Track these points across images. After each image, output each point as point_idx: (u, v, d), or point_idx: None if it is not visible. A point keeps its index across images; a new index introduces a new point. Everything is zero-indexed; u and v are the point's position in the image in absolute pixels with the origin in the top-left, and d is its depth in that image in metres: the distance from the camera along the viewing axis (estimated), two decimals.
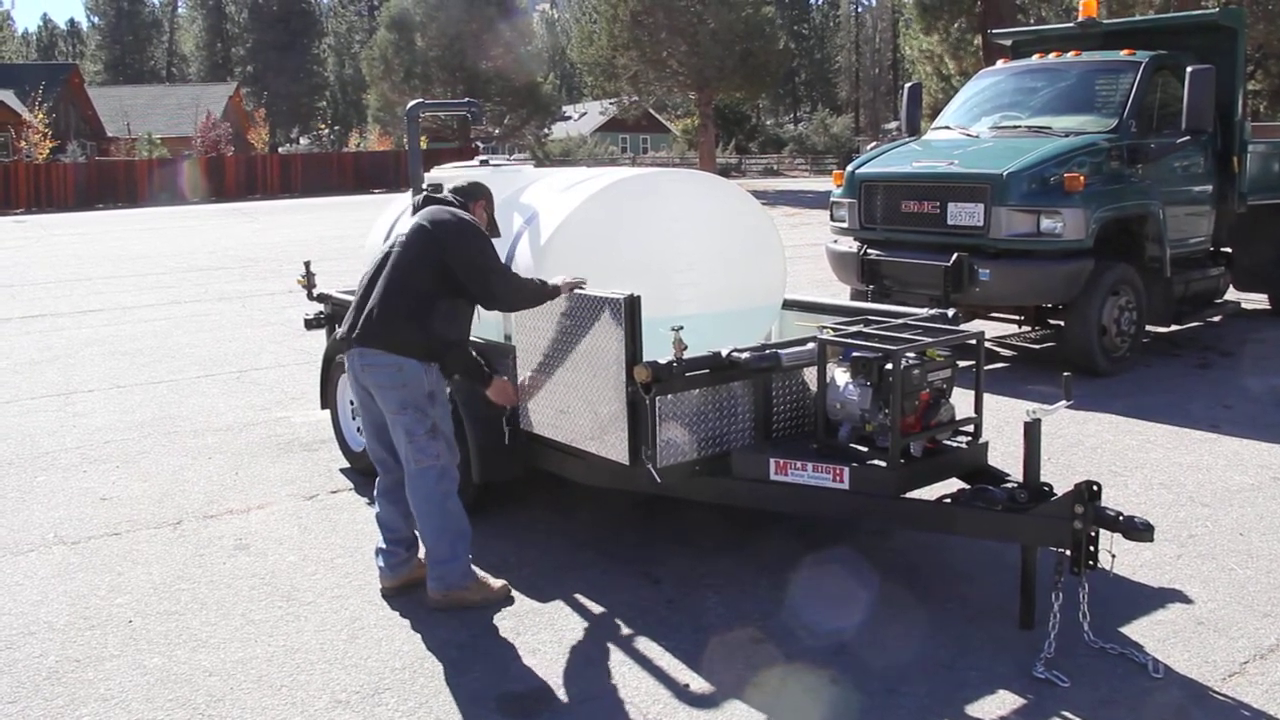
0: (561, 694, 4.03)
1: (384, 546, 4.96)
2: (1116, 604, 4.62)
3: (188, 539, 5.69)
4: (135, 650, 4.43)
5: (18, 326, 12.93)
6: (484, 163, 6.57)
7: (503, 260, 5.68)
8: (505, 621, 4.63)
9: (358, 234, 5.83)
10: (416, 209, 5.00)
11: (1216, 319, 11.14)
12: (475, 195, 5.08)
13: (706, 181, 6.34)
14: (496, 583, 4.85)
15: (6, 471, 6.95)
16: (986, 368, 5.01)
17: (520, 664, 4.25)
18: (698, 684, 4.07)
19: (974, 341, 4.94)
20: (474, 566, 4.87)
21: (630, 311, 4.66)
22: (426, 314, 4.64)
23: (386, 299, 4.65)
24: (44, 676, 4.22)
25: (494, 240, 5.01)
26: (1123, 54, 9.84)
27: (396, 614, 4.73)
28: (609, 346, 4.74)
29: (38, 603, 4.91)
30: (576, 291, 4.92)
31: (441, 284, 4.67)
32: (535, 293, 4.85)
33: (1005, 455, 5.90)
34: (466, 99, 7.02)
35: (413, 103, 6.19)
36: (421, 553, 4.89)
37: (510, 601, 4.77)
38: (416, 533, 4.89)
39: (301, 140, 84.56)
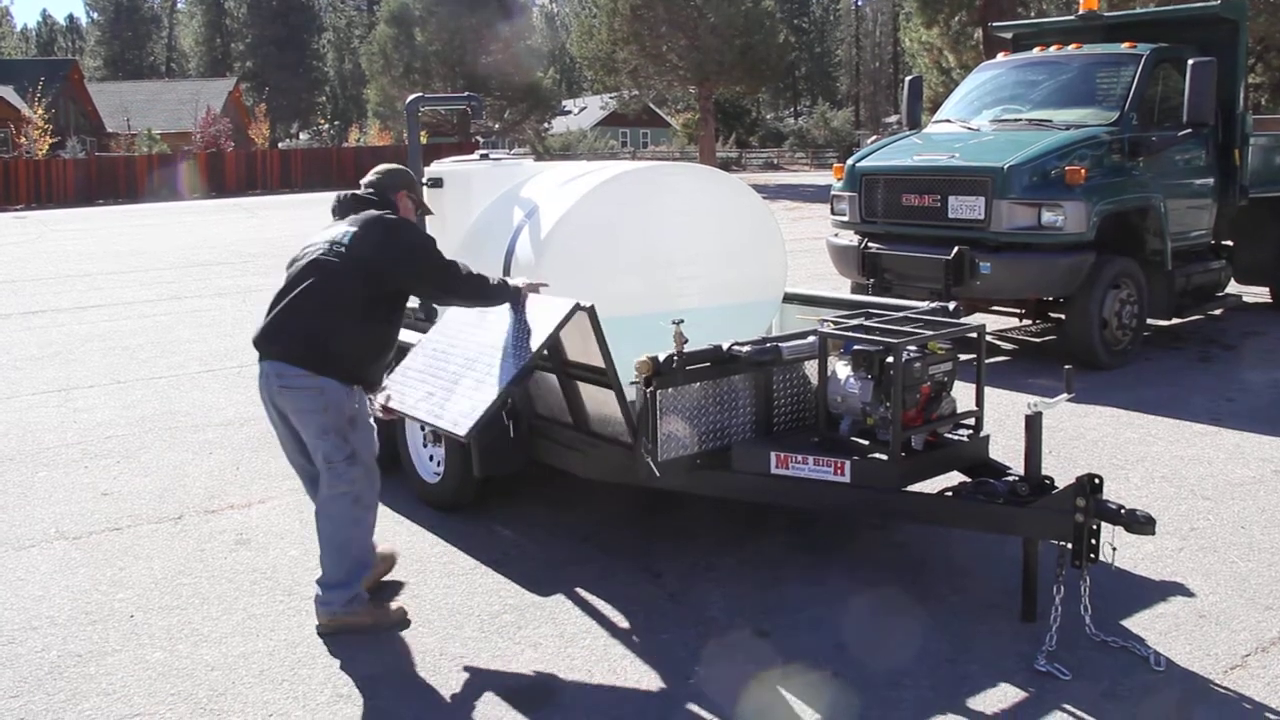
0: (563, 687, 4.03)
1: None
2: (1118, 597, 4.62)
3: (189, 534, 5.69)
4: (137, 645, 4.43)
5: (18, 322, 12.92)
6: (484, 157, 6.57)
7: (504, 252, 5.70)
8: (507, 616, 4.62)
9: None
10: (337, 210, 4.72)
11: (1218, 312, 11.14)
12: (394, 186, 4.81)
13: (707, 175, 6.34)
14: (394, 605, 4.67)
15: (7, 467, 6.95)
16: (987, 361, 5.00)
17: (522, 657, 4.25)
18: (699, 678, 4.07)
19: (975, 335, 4.94)
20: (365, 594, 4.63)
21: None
22: (353, 330, 4.38)
23: (310, 314, 4.36)
24: (46, 671, 4.22)
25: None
26: (1124, 47, 9.83)
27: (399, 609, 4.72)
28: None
29: (39, 598, 4.91)
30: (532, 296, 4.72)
31: (374, 299, 4.41)
32: (492, 287, 4.65)
33: (1006, 449, 5.90)
34: (466, 93, 7.01)
35: (412, 97, 6.19)
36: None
37: (406, 624, 4.55)
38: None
39: (301, 135, 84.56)
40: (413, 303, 6.05)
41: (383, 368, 4.64)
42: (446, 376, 4.66)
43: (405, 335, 5.88)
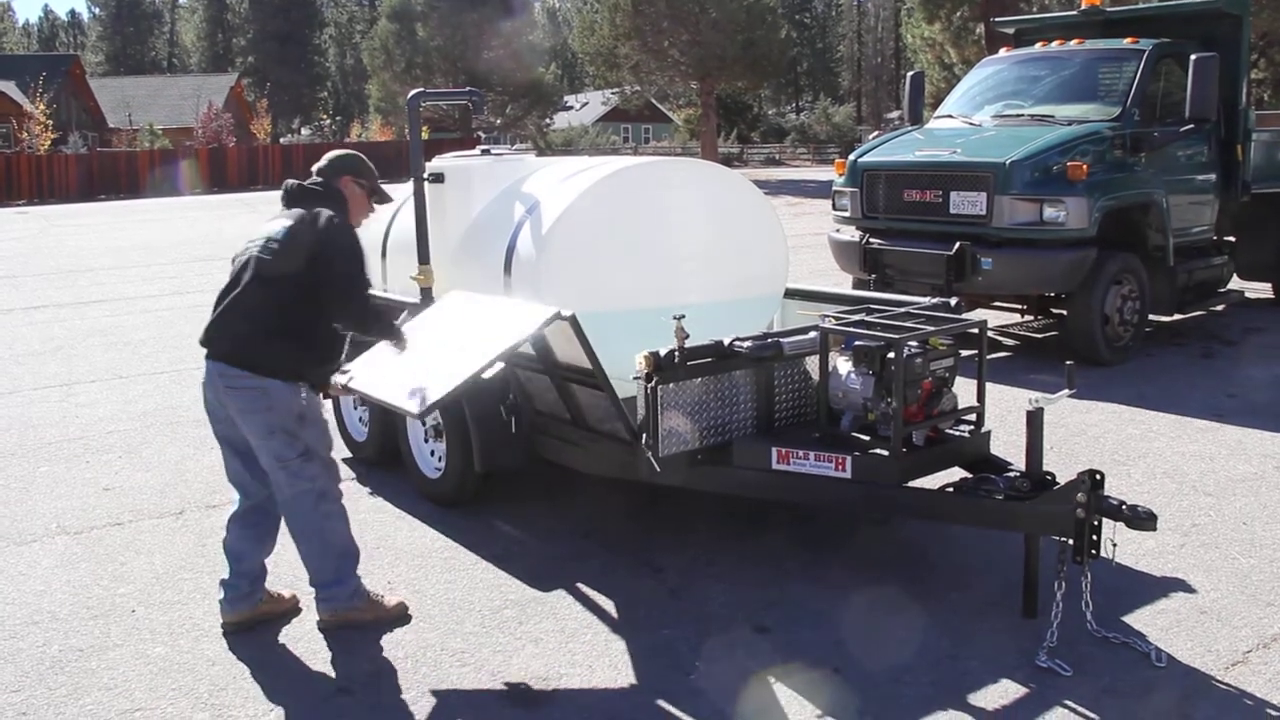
0: (564, 683, 4.03)
1: (227, 578, 4.52)
2: (1119, 593, 4.62)
3: (190, 529, 5.70)
4: (138, 639, 4.43)
5: (20, 317, 12.93)
6: (486, 152, 6.56)
7: (505, 248, 5.69)
8: (508, 611, 4.63)
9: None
10: (284, 200, 4.56)
11: (1220, 308, 11.12)
12: (338, 171, 4.61)
13: (709, 170, 6.33)
14: (392, 600, 4.59)
15: (9, 462, 6.96)
16: (989, 357, 4.99)
17: (523, 653, 4.25)
18: (700, 673, 4.07)
19: (976, 330, 4.93)
20: (366, 587, 4.58)
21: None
22: (294, 329, 4.28)
23: (250, 313, 4.27)
24: (47, 665, 4.23)
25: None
26: (1126, 42, 9.81)
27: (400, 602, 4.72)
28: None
29: (41, 592, 4.92)
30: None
31: (308, 297, 4.28)
32: (383, 326, 4.66)
33: (1008, 444, 5.89)
34: (468, 89, 6.99)
35: (414, 93, 6.17)
36: (295, 585, 4.70)
37: (407, 620, 4.52)
38: (266, 563, 4.62)
39: (303, 131, 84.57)
40: (411, 297, 6.07)
41: (328, 365, 4.50)
42: (413, 364, 4.63)
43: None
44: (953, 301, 5.65)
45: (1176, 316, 10.50)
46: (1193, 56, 9.09)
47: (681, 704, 3.87)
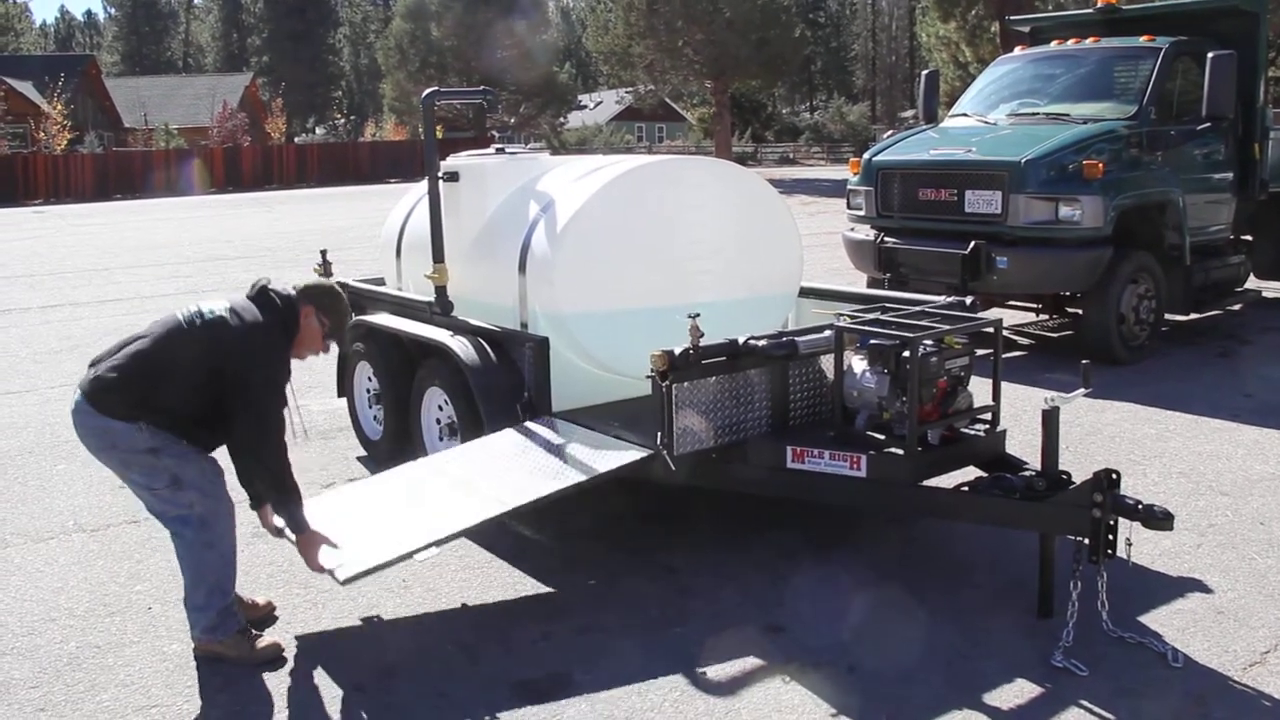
0: (576, 681, 4.04)
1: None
2: (1135, 593, 4.60)
3: None
4: (154, 637, 4.45)
5: (37, 316, 12.99)
6: (500, 151, 6.57)
7: (519, 246, 5.69)
8: (520, 609, 4.63)
9: (374, 223, 5.86)
10: (249, 291, 4.33)
11: (1236, 307, 11.06)
12: (306, 298, 4.37)
13: (723, 169, 6.33)
14: (264, 642, 4.30)
15: (26, 460, 6.99)
16: (1004, 356, 4.97)
17: (535, 651, 4.26)
18: (714, 672, 4.07)
19: (992, 329, 4.92)
20: (241, 626, 4.33)
21: None
22: (169, 397, 4.08)
23: (131, 358, 4.08)
24: (65, 662, 4.25)
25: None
26: (1142, 40, 9.78)
27: (413, 602, 4.73)
28: None
29: (58, 589, 4.94)
30: None
31: (202, 389, 4.09)
32: (285, 484, 4.22)
33: (1023, 444, 5.88)
34: (482, 88, 7.00)
35: (428, 92, 6.18)
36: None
37: (280, 663, 4.24)
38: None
39: (317, 130, 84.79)
40: (425, 295, 6.08)
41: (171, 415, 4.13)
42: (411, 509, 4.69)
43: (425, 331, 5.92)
44: (968, 300, 5.63)
45: (1193, 316, 10.46)
46: (1209, 54, 9.05)
47: (694, 703, 3.87)
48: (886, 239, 9.62)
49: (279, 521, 4.41)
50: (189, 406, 4.12)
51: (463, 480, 4.82)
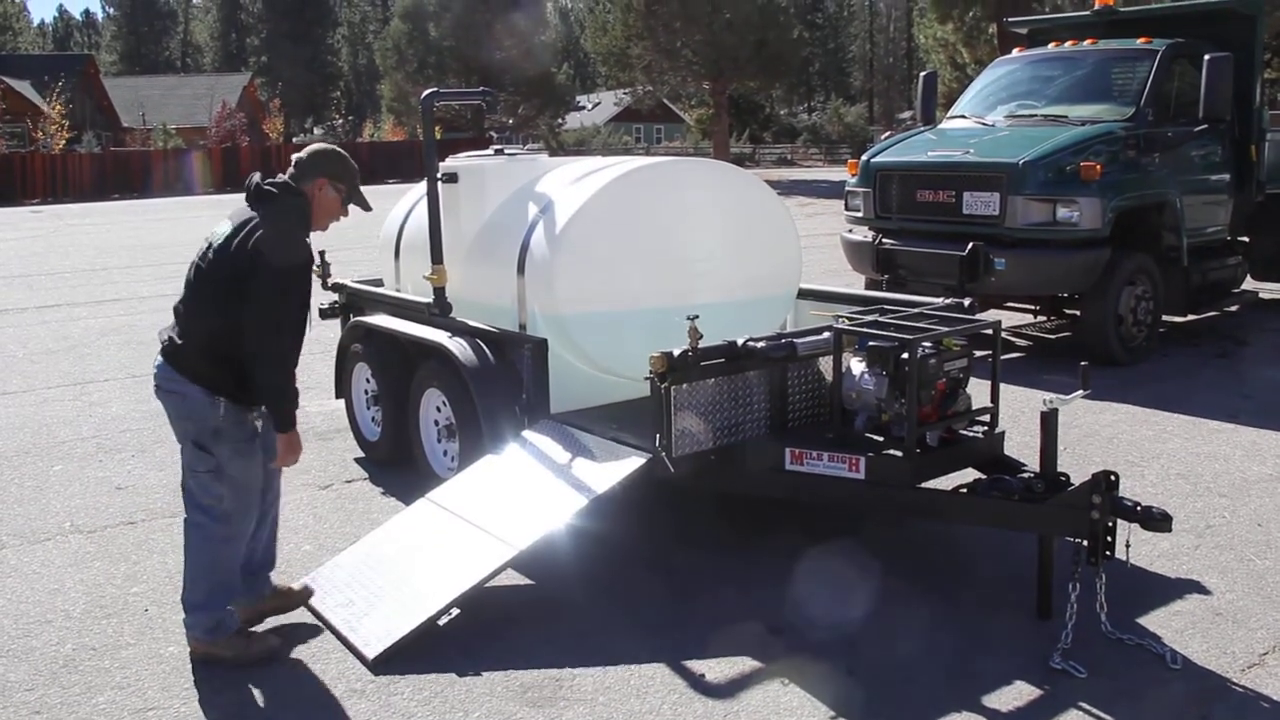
0: (576, 684, 4.03)
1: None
2: (1134, 595, 4.60)
3: None
4: (151, 639, 4.44)
5: (34, 316, 12.98)
6: (499, 152, 6.56)
7: (518, 247, 5.68)
8: (520, 613, 4.63)
9: (373, 223, 5.85)
10: (245, 196, 4.27)
11: (1234, 309, 11.07)
12: (313, 172, 4.30)
13: (722, 170, 6.32)
14: (259, 643, 4.30)
15: (23, 461, 6.98)
16: (1003, 357, 4.97)
17: (535, 654, 4.25)
18: (713, 674, 4.07)
19: (990, 331, 4.92)
20: (238, 625, 4.33)
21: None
22: (218, 340, 4.08)
23: (185, 318, 4.17)
24: (61, 664, 4.24)
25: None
26: (1139, 42, 9.79)
27: None
28: None
29: (54, 591, 4.93)
30: None
31: (233, 309, 4.04)
32: (281, 384, 4.14)
33: (1021, 445, 5.88)
34: (481, 89, 6.98)
35: (427, 93, 6.16)
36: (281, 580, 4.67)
37: (278, 657, 4.26)
38: (266, 555, 4.61)
39: (316, 130, 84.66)
40: (424, 296, 6.07)
41: (245, 387, 4.16)
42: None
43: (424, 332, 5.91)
44: (966, 302, 5.63)
45: (1190, 317, 10.47)
46: (1206, 56, 9.06)
47: (693, 705, 3.86)
48: (885, 240, 9.61)
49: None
50: (231, 347, 4.06)
51: (473, 522, 4.79)
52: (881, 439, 4.74)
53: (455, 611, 4.43)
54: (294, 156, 4.38)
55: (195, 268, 4.18)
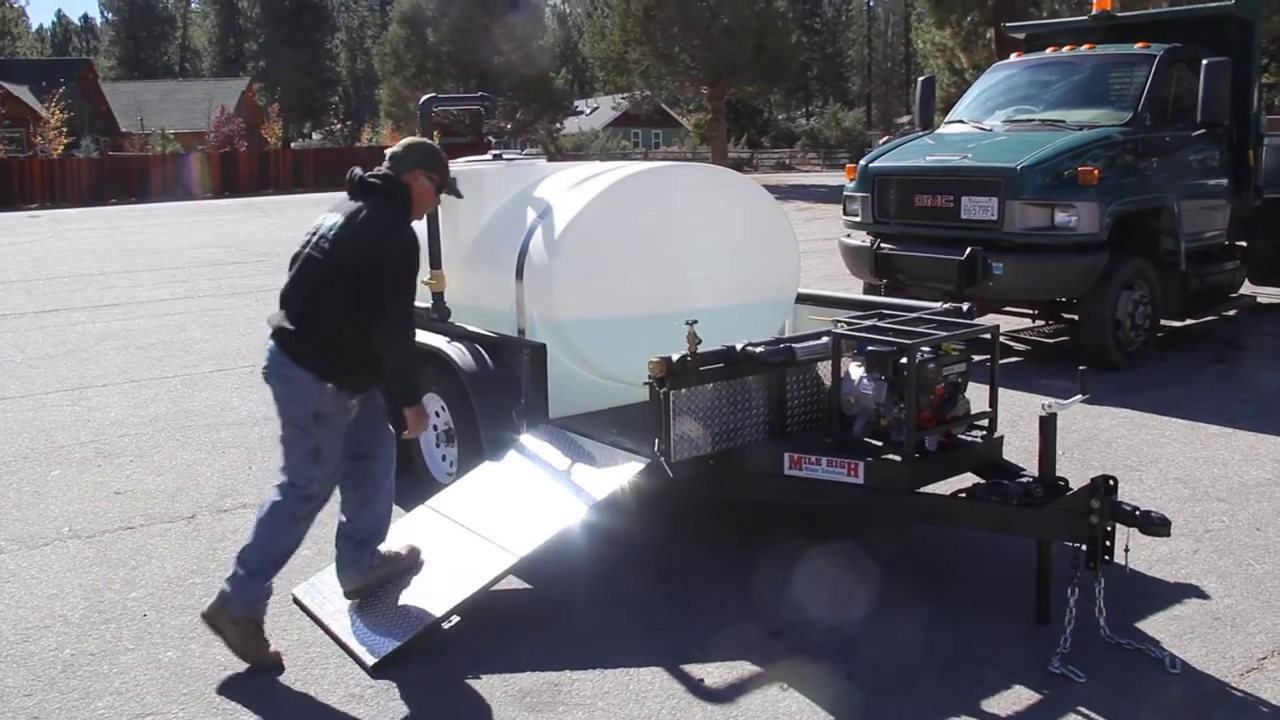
0: (576, 688, 4.03)
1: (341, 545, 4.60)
2: (1132, 599, 4.60)
3: (202, 533, 5.70)
4: (150, 644, 4.44)
5: (32, 321, 12.97)
6: (497, 157, 6.57)
7: (517, 252, 5.69)
8: (518, 616, 4.63)
9: None
10: (347, 191, 4.43)
11: (1232, 313, 11.09)
12: (409, 164, 4.46)
13: (720, 175, 6.33)
14: (270, 649, 4.29)
15: (21, 466, 6.98)
16: (1001, 362, 4.98)
17: (534, 658, 4.25)
18: (712, 679, 4.07)
19: (988, 336, 4.92)
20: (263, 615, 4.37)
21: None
22: (331, 328, 4.23)
23: (299, 306, 4.28)
24: (59, 670, 4.23)
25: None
26: (1137, 47, 9.80)
27: None
28: None
29: (53, 596, 4.93)
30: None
31: (350, 297, 4.20)
32: (412, 363, 4.37)
33: (1020, 450, 5.88)
34: (479, 94, 7.00)
35: (426, 98, 6.18)
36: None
37: (277, 670, 4.21)
38: (380, 527, 4.69)
39: (314, 135, 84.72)
40: (422, 301, 6.07)
41: (357, 373, 4.31)
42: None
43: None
44: (964, 307, 5.64)
45: (1188, 321, 10.48)
46: (1204, 61, 9.08)
47: (692, 709, 3.86)
48: (883, 245, 9.62)
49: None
50: (351, 329, 4.21)
51: (472, 529, 4.80)
52: (880, 444, 4.73)
53: (455, 619, 4.43)
54: (387, 151, 4.57)
55: (306, 258, 4.32)
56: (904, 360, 4.54)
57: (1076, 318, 9.29)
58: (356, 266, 4.18)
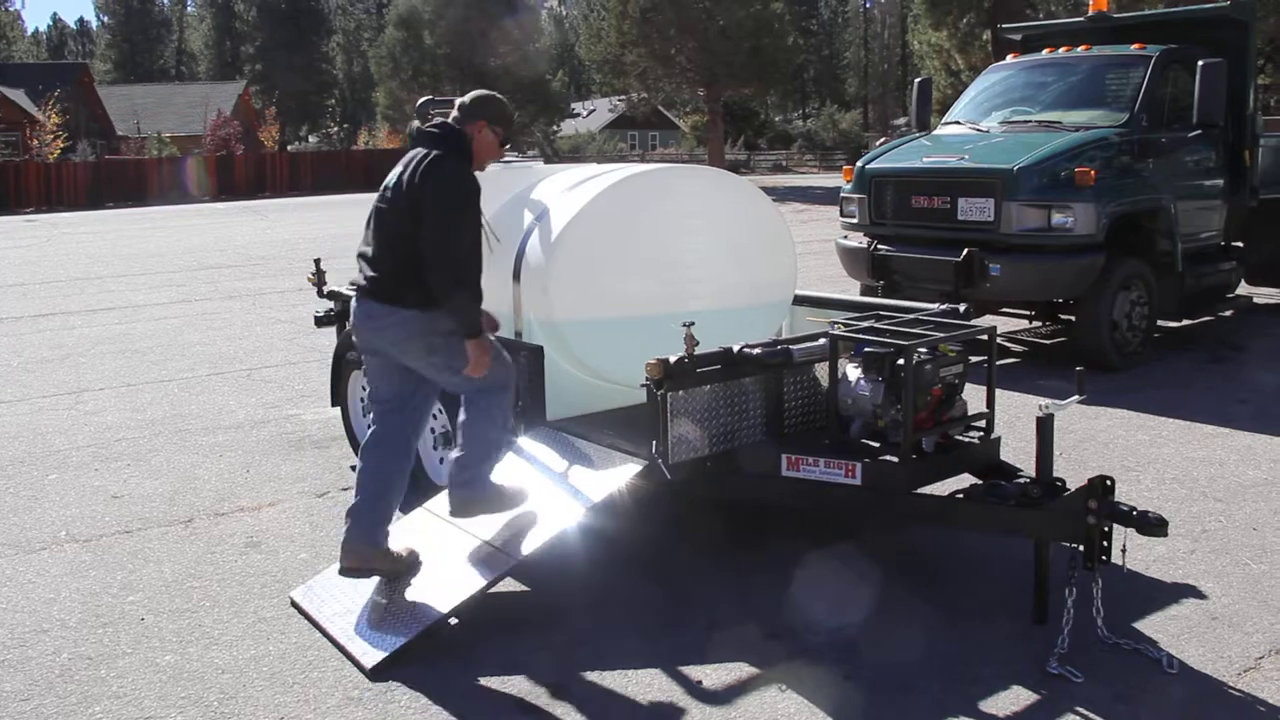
0: (573, 690, 4.03)
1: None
2: (1130, 599, 4.60)
3: (199, 536, 5.70)
4: (148, 648, 4.43)
5: (29, 325, 12.97)
6: None
7: (514, 254, 5.69)
8: (517, 618, 4.62)
9: None
10: (412, 138, 4.69)
11: (1228, 314, 11.10)
12: (475, 115, 4.66)
13: (717, 177, 6.33)
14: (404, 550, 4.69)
15: (18, 470, 6.97)
16: (998, 363, 4.98)
17: (532, 660, 4.24)
18: (710, 681, 4.07)
19: (985, 336, 4.93)
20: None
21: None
22: (418, 271, 4.42)
23: (381, 255, 4.54)
24: (57, 674, 4.23)
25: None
26: (1133, 48, 9.81)
27: None
28: None
29: (50, 600, 4.92)
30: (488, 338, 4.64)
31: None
32: (462, 288, 4.38)
33: (1017, 451, 5.89)
34: None
35: (422, 100, 6.17)
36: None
37: (417, 567, 4.66)
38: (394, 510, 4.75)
39: (310, 138, 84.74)
40: None
41: (468, 289, 4.45)
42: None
43: None
44: (961, 307, 5.64)
45: (1185, 322, 10.48)
46: (1200, 62, 9.09)
47: (691, 711, 3.86)
48: (880, 246, 9.63)
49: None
50: None
51: (470, 531, 4.80)
52: (877, 445, 4.74)
53: (454, 621, 4.43)
54: (457, 100, 4.75)
55: (377, 210, 4.59)
56: (901, 361, 4.54)
57: (1073, 319, 9.30)
58: (415, 203, 4.40)
